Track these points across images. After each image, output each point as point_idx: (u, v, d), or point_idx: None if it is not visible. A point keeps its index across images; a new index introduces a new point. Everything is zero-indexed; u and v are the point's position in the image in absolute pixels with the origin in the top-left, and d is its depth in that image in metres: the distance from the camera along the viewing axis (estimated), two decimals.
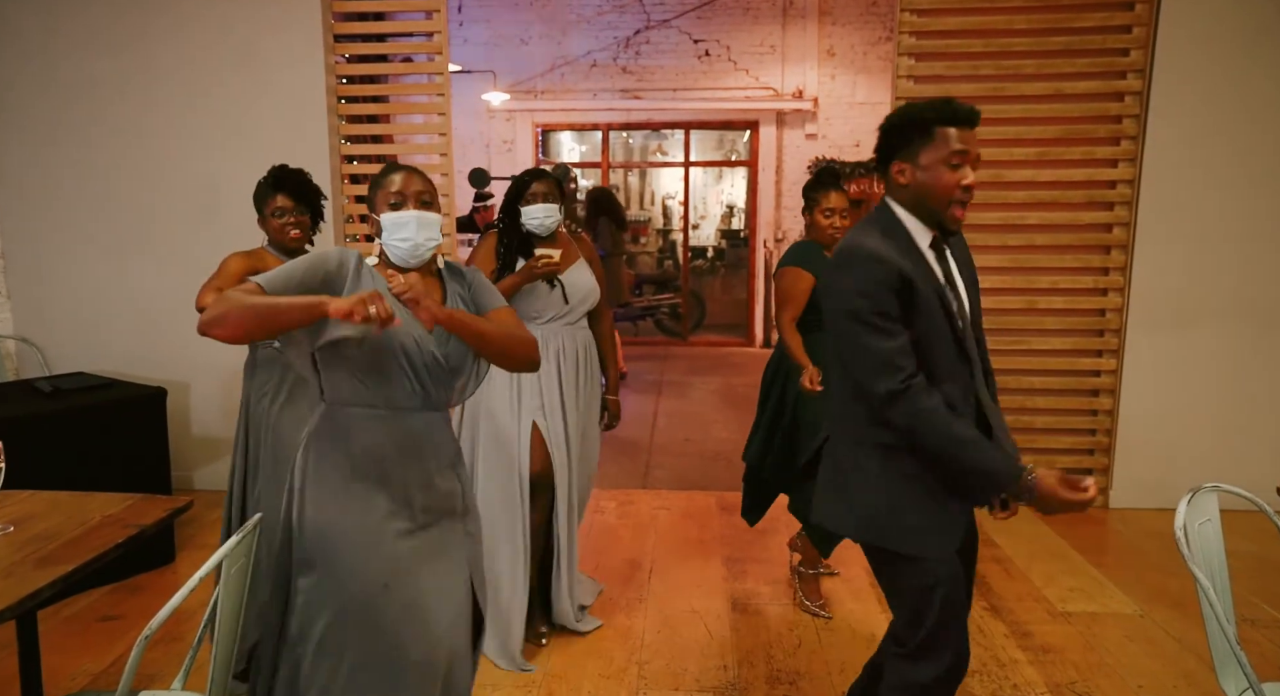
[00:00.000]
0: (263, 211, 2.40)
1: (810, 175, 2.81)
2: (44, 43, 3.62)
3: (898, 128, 1.57)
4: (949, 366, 1.55)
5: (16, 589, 1.42)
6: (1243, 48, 3.45)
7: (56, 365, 3.76)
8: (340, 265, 1.56)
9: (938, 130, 1.52)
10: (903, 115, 1.58)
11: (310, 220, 2.42)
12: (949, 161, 1.51)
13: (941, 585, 1.59)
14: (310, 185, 2.43)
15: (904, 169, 1.56)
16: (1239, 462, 3.62)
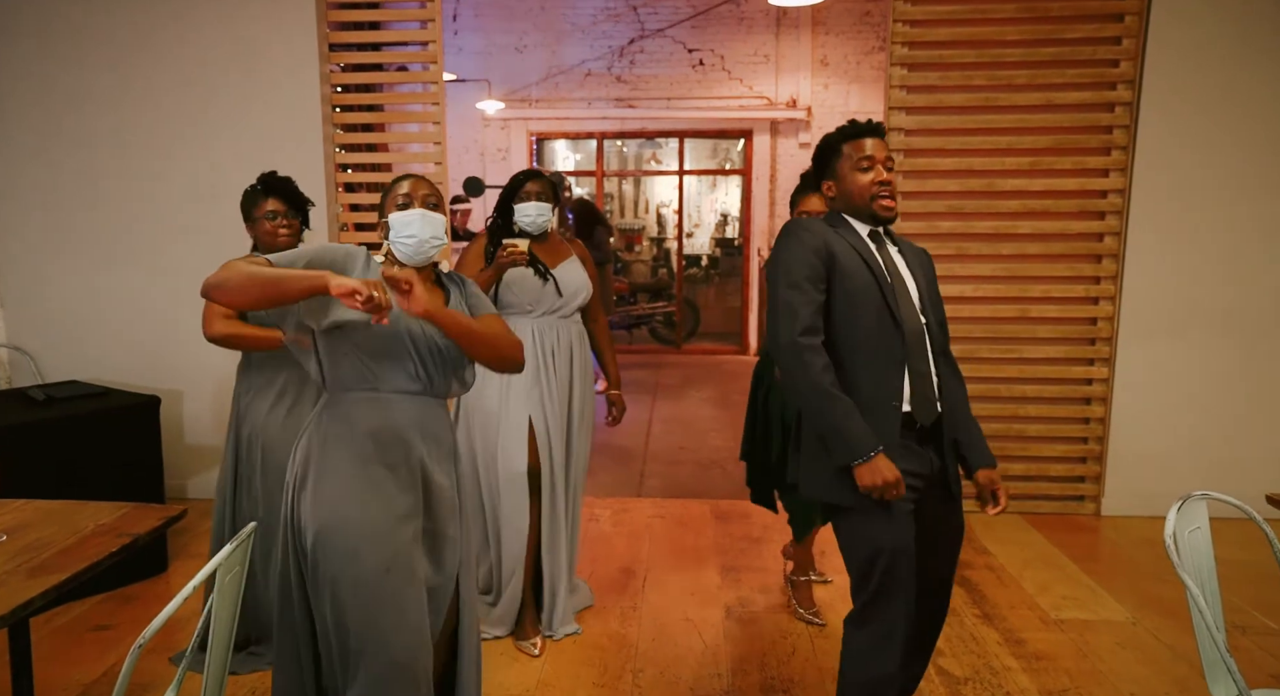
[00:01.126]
0: (252, 216, 2.40)
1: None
2: (38, 53, 3.62)
3: (817, 156, 1.93)
4: (876, 329, 1.74)
5: (9, 598, 1.41)
6: (1231, 58, 3.49)
7: (50, 373, 3.74)
8: (348, 256, 1.62)
9: (844, 146, 1.86)
10: (818, 146, 1.93)
11: (299, 225, 2.44)
12: (859, 166, 1.83)
13: (884, 554, 1.70)
14: (299, 191, 2.46)
15: (830, 185, 1.88)
16: (1229, 471, 3.65)
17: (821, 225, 1.83)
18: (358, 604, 1.55)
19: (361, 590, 1.55)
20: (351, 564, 1.54)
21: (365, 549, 1.55)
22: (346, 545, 1.55)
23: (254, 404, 2.39)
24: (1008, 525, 3.67)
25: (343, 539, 1.55)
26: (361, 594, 1.55)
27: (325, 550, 1.55)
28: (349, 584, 1.54)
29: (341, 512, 1.56)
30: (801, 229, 1.80)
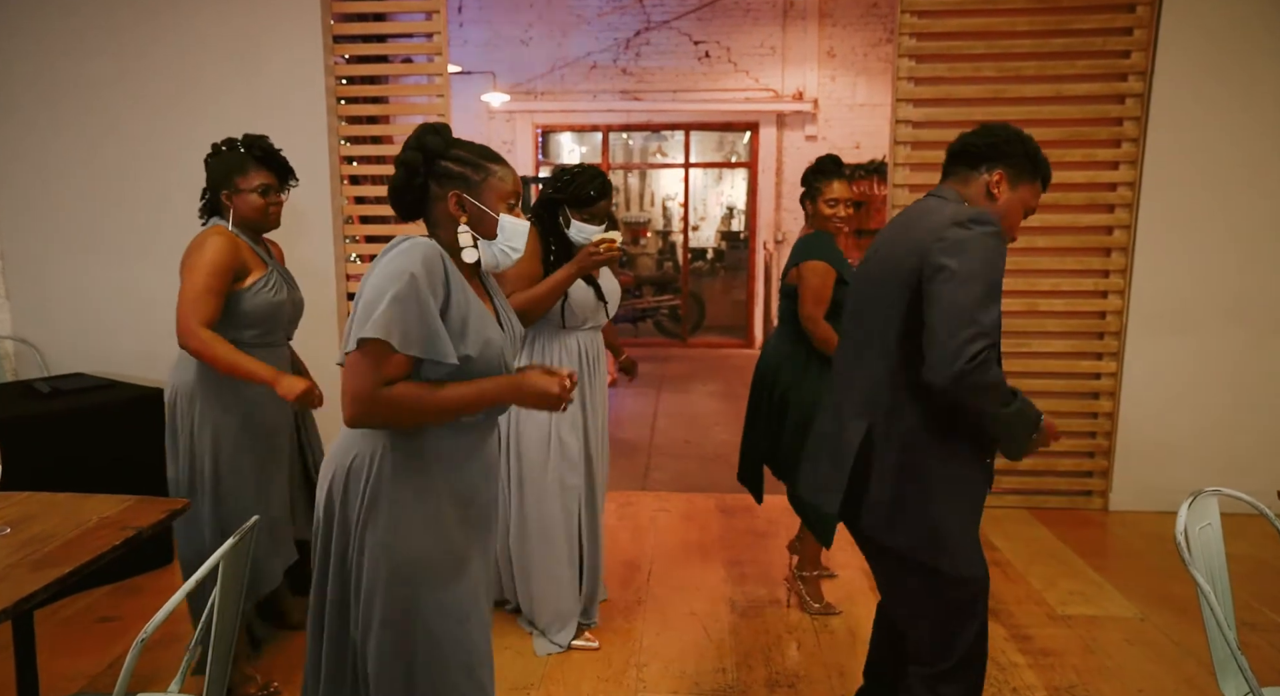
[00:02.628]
0: (235, 186, 2.15)
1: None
2: (43, 43, 3.61)
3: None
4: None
5: (13, 590, 1.41)
6: (1244, 50, 3.44)
7: (55, 366, 3.75)
8: (434, 274, 1.40)
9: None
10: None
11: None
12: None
13: (983, 602, 1.61)
14: (286, 160, 2.28)
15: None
16: (1239, 465, 3.62)
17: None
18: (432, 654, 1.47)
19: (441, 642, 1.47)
20: (433, 611, 1.46)
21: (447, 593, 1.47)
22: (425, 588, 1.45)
23: (220, 412, 2.19)
24: (1014, 520, 3.65)
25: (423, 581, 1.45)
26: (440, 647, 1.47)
27: (398, 591, 1.44)
28: (425, 631, 1.46)
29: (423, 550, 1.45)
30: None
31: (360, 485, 1.45)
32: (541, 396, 1.44)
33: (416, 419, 1.41)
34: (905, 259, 1.56)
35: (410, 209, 1.50)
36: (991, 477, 1.66)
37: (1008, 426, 1.51)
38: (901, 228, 1.66)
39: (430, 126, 1.50)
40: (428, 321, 1.36)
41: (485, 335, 1.44)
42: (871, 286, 1.66)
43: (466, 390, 1.41)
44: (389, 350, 1.34)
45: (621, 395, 6.17)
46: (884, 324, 1.60)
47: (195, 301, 2.06)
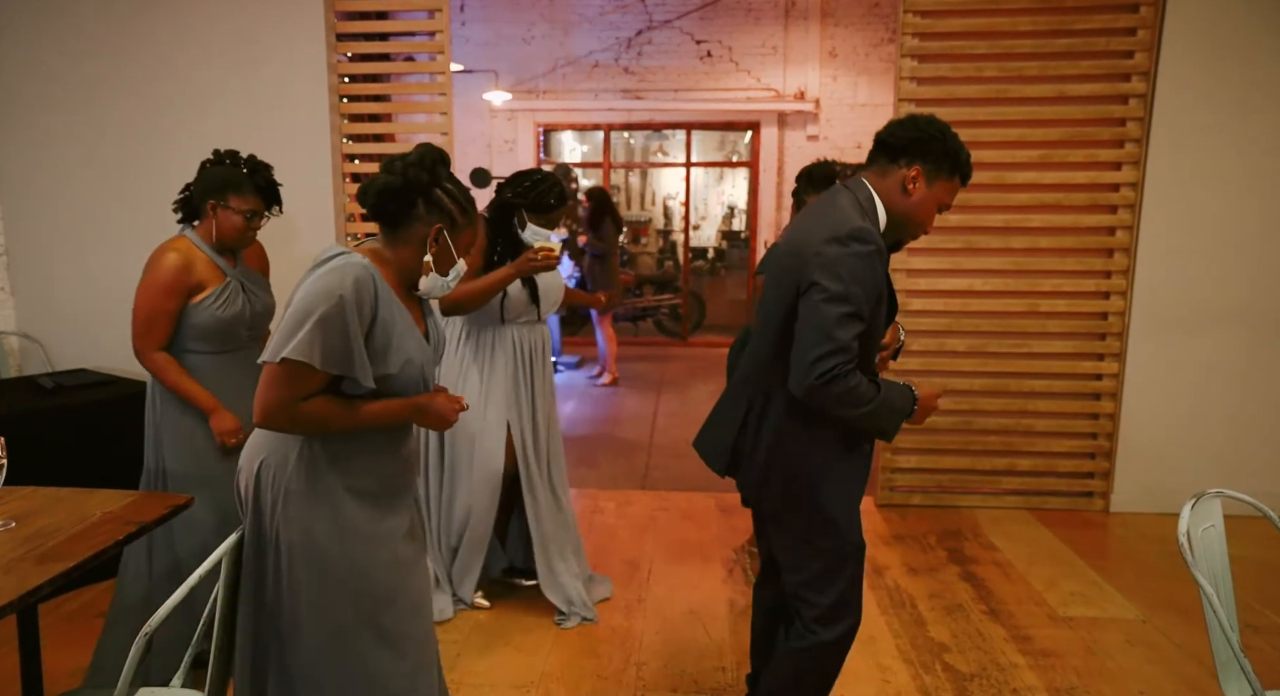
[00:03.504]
0: (226, 201, 2.22)
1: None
2: (47, 41, 3.61)
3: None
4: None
5: (17, 585, 1.42)
6: (1247, 50, 3.44)
7: (59, 361, 3.75)
8: (363, 297, 1.45)
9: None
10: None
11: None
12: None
13: (858, 548, 1.78)
14: (279, 192, 2.35)
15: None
16: (1241, 467, 3.62)
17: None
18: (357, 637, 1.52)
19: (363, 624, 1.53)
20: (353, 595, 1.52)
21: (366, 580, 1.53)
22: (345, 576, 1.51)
23: (179, 417, 2.24)
24: (1015, 521, 3.65)
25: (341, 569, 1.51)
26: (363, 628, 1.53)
27: (320, 581, 1.49)
28: (349, 616, 1.51)
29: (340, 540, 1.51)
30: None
31: (270, 482, 1.50)
32: (439, 420, 1.56)
33: (322, 431, 1.50)
34: (795, 261, 1.65)
35: (391, 217, 1.54)
36: (869, 455, 1.81)
37: (872, 421, 1.64)
38: (808, 221, 1.71)
39: (442, 154, 1.56)
40: (349, 343, 1.44)
41: (407, 354, 1.52)
42: (773, 276, 1.75)
43: (375, 410, 1.51)
44: (310, 370, 1.42)
45: (622, 395, 6.17)
46: (771, 315, 1.71)
47: (147, 323, 2.19)
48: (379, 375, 1.48)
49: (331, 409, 1.46)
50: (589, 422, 5.40)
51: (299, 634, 1.50)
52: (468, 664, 2.45)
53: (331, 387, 1.48)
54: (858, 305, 1.56)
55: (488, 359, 2.60)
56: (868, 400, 1.60)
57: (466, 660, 2.47)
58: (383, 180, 1.51)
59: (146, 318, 2.17)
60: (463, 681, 2.36)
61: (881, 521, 3.62)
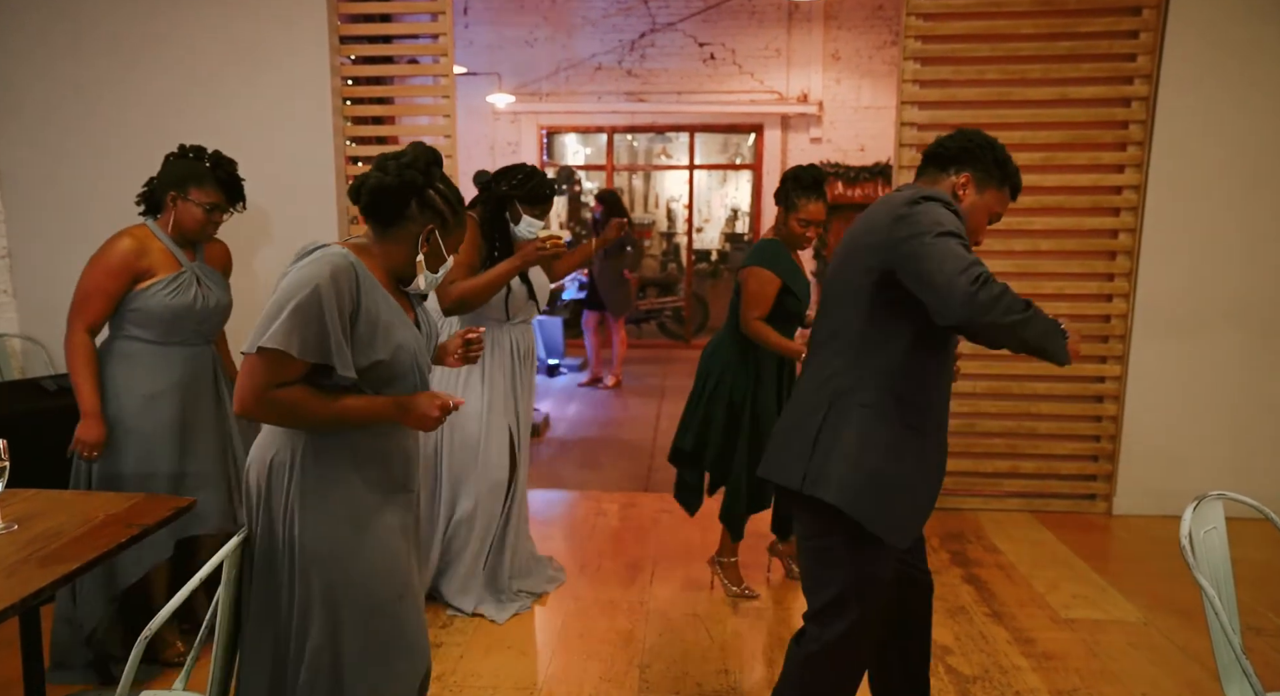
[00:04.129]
0: (186, 193, 2.24)
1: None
2: (48, 43, 3.63)
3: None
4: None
5: (20, 587, 1.42)
6: (1249, 53, 3.44)
7: (62, 363, 3.76)
8: (341, 285, 1.45)
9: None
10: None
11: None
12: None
13: (884, 583, 1.68)
14: (243, 187, 2.36)
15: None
16: (1244, 470, 3.61)
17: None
18: (369, 632, 1.54)
19: (376, 619, 1.54)
20: (364, 593, 1.53)
21: (378, 578, 1.55)
22: (357, 574, 1.53)
23: (134, 399, 2.24)
24: (1018, 523, 3.65)
25: (355, 566, 1.53)
26: (375, 623, 1.54)
27: (332, 578, 1.51)
28: (361, 612, 1.53)
29: (352, 538, 1.52)
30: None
31: (284, 481, 1.51)
32: (422, 420, 1.50)
33: (303, 423, 1.49)
34: (864, 241, 1.63)
35: (383, 216, 1.55)
36: (944, 463, 1.77)
37: (1038, 329, 1.53)
38: (861, 222, 1.72)
39: (435, 154, 1.57)
40: (326, 332, 1.43)
41: (396, 340, 1.51)
42: (833, 283, 1.73)
43: (355, 404, 1.49)
44: (287, 358, 1.41)
45: (625, 396, 6.17)
46: (849, 311, 1.66)
47: (83, 302, 2.19)
48: (369, 362, 1.48)
49: (308, 398, 1.45)
50: (592, 425, 5.40)
51: (314, 629, 1.51)
52: (470, 666, 2.45)
53: (313, 380, 1.48)
54: (963, 236, 1.52)
55: (487, 362, 2.59)
56: (1024, 304, 1.49)
57: (469, 662, 2.47)
58: (376, 179, 1.52)
59: (83, 294, 2.18)
60: (465, 683, 2.36)
61: None
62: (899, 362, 1.62)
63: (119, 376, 2.23)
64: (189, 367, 2.30)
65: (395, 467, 1.60)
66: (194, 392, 2.31)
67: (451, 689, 2.33)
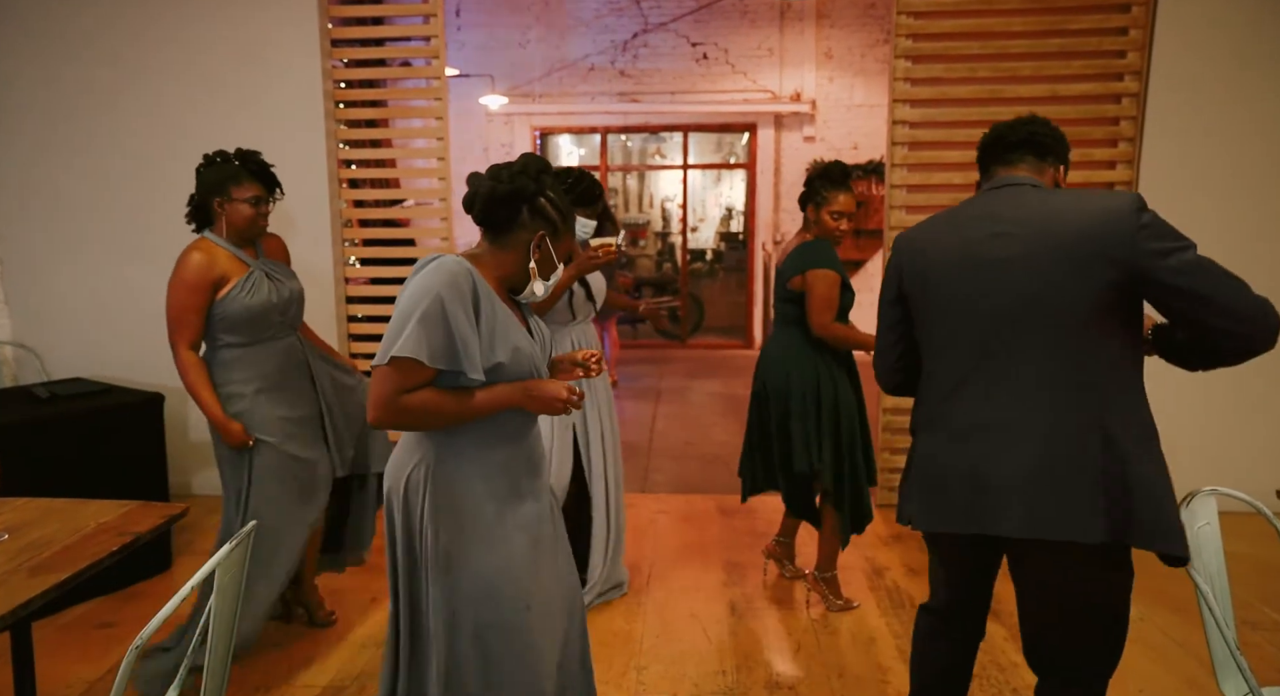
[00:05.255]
0: (229, 194, 2.29)
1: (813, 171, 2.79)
2: (42, 47, 3.62)
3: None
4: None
5: (10, 597, 1.41)
6: (1240, 49, 3.45)
7: (54, 370, 3.75)
8: (461, 291, 1.49)
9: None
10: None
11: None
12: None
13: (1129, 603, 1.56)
14: (275, 174, 2.40)
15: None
16: (1237, 465, 3.62)
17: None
18: (489, 643, 1.57)
19: (496, 630, 1.57)
20: (487, 605, 1.56)
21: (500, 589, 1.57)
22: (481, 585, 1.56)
23: (245, 398, 2.34)
24: None
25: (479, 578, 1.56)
26: (496, 633, 1.57)
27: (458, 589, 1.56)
28: (482, 624, 1.56)
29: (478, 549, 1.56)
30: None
31: (419, 497, 1.56)
32: (547, 402, 1.54)
33: (436, 423, 1.52)
34: (1082, 248, 1.41)
35: (496, 224, 1.59)
36: None
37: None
38: (1043, 219, 1.47)
39: (545, 163, 1.61)
40: (453, 337, 1.48)
41: (513, 343, 1.56)
42: (1027, 285, 1.46)
43: (485, 395, 1.53)
44: (418, 365, 1.46)
45: (621, 397, 6.17)
46: (1068, 319, 1.44)
47: (178, 322, 2.27)
48: (490, 364, 1.52)
49: (439, 399, 1.50)
50: None
51: (451, 630, 1.56)
52: None
53: (440, 383, 1.53)
54: None
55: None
56: None
57: None
58: (489, 187, 1.56)
59: (176, 314, 2.26)
60: None
61: (881, 521, 3.62)
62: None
63: (228, 384, 2.33)
64: (285, 358, 2.41)
65: (521, 477, 1.62)
66: (293, 379, 2.43)
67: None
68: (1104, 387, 1.45)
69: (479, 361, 1.50)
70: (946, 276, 1.55)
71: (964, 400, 1.53)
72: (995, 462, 1.48)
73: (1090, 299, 1.42)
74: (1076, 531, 1.43)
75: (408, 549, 1.59)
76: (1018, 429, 1.47)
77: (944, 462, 1.56)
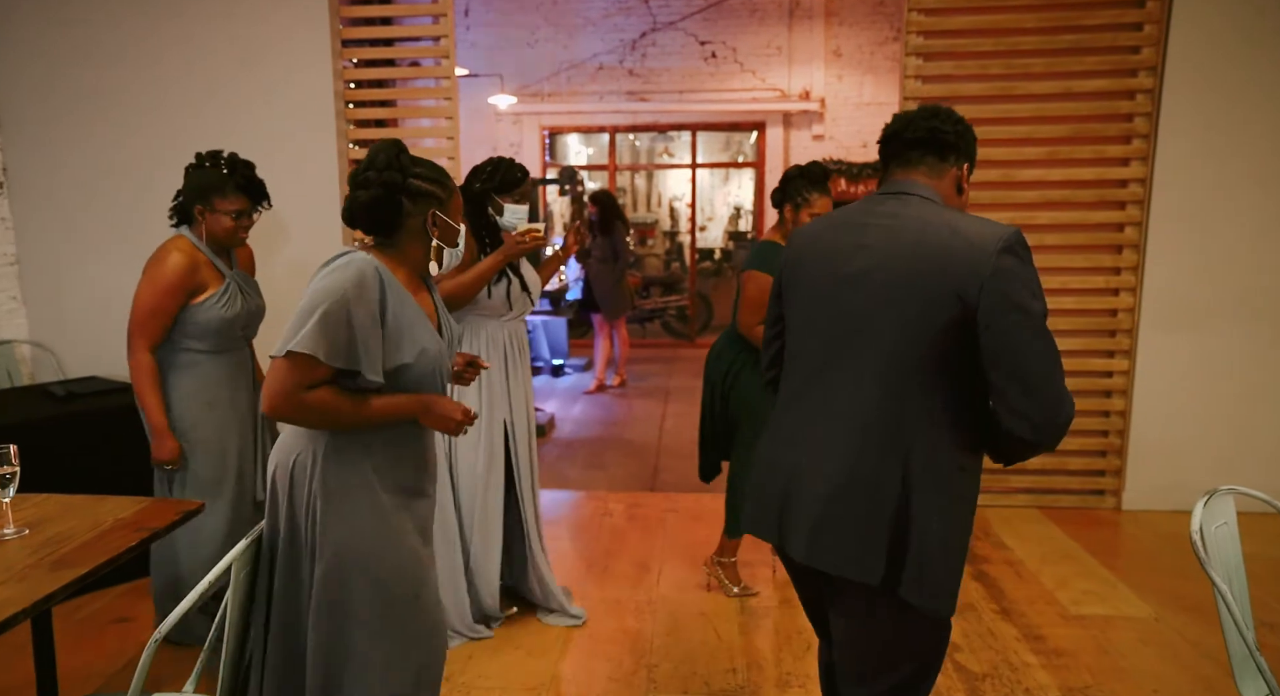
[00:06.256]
0: (211, 204, 2.28)
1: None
2: (58, 48, 3.65)
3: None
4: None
5: (31, 591, 1.43)
6: (1255, 44, 3.42)
7: (71, 369, 3.78)
8: (368, 292, 1.50)
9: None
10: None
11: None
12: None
13: (944, 651, 1.50)
14: (263, 183, 2.38)
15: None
16: (1253, 464, 3.59)
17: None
18: (384, 629, 1.57)
19: (390, 615, 1.57)
20: (381, 590, 1.56)
21: (394, 576, 1.57)
22: (375, 572, 1.56)
23: (190, 406, 2.31)
24: (1026, 519, 3.64)
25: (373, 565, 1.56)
26: (390, 619, 1.57)
27: (350, 576, 1.55)
28: (376, 609, 1.56)
29: (371, 538, 1.56)
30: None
31: (305, 482, 1.55)
32: (443, 421, 1.58)
33: (331, 424, 1.53)
34: (934, 279, 1.34)
35: (389, 225, 1.58)
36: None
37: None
38: (909, 239, 1.39)
39: (399, 144, 1.59)
40: (354, 338, 1.47)
41: (421, 344, 1.57)
42: (871, 304, 1.40)
43: (381, 404, 1.53)
44: (315, 362, 1.46)
45: (630, 396, 6.17)
46: (903, 347, 1.37)
47: (144, 323, 2.23)
48: (394, 366, 1.53)
49: (336, 400, 1.50)
50: (597, 425, 5.41)
51: (330, 625, 1.55)
52: (479, 667, 2.46)
53: (339, 383, 1.52)
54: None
55: (485, 358, 2.59)
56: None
57: (477, 663, 2.48)
58: (365, 196, 1.56)
59: (145, 314, 2.22)
60: (474, 684, 2.37)
61: None
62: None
63: (180, 387, 2.30)
64: (238, 371, 2.40)
65: (412, 472, 1.63)
66: (242, 393, 2.42)
67: (460, 689, 2.34)
68: (920, 429, 1.36)
69: (379, 364, 1.50)
70: (808, 282, 1.50)
71: (796, 410, 1.49)
72: (800, 482, 1.43)
73: (931, 333, 1.34)
74: (853, 569, 1.37)
75: (290, 532, 1.56)
76: (828, 452, 1.41)
77: (767, 470, 1.51)
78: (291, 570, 1.57)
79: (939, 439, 1.37)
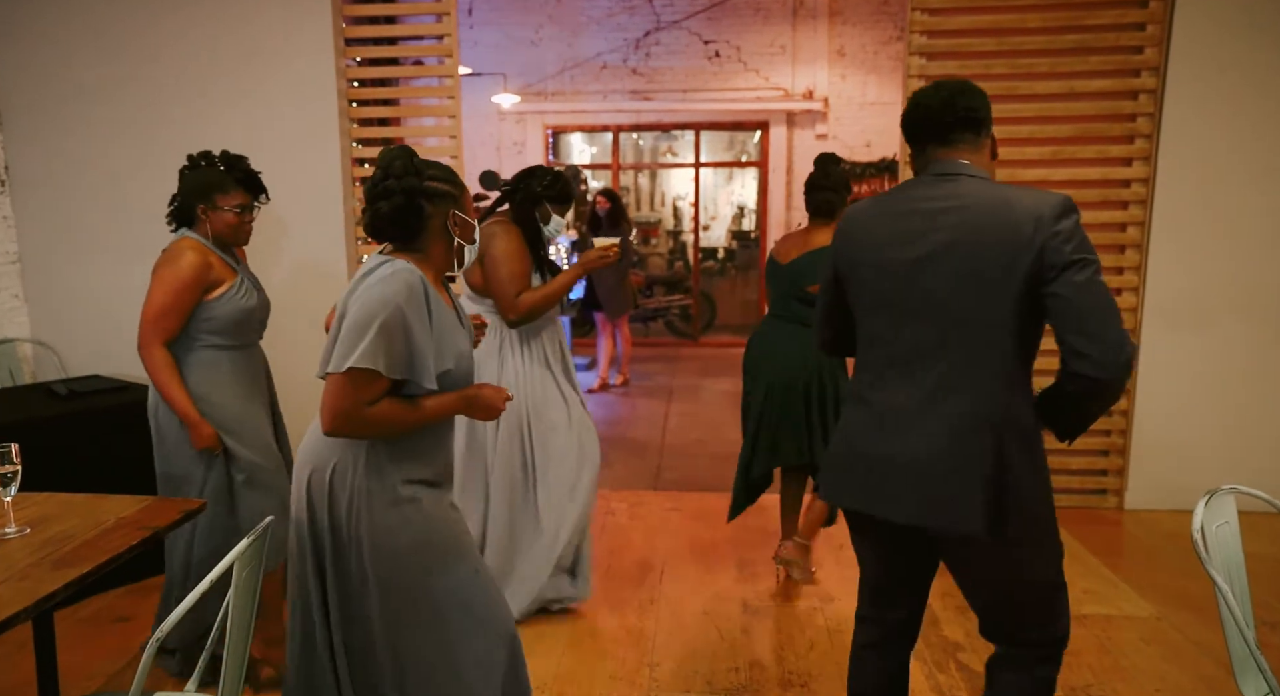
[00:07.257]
0: (213, 202, 2.26)
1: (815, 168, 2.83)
2: (60, 46, 3.65)
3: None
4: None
5: (33, 590, 1.43)
6: (1258, 44, 3.41)
7: (73, 368, 3.79)
8: (417, 301, 1.54)
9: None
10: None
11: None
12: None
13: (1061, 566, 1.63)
14: (259, 177, 2.38)
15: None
16: (1256, 463, 3.58)
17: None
18: (449, 615, 1.63)
19: (453, 599, 1.63)
20: (441, 577, 1.61)
21: (451, 560, 1.63)
22: (433, 562, 1.61)
23: (215, 400, 2.28)
24: None
25: (428, 554, 1.61)
26: (453, 603, 1.63)
27: (409, 570, 1.60)
28: (439, 596, 1.61)
29: (423, 530, 1.61)
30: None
31: (345, 486, 1.58)
32: (489, 410, 1.67)
33: (391, 432, 1.57)
34: (1004, 249, 1.46)
35: (414, 230, 1.61)
36: None
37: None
38: (972, 218, 1.50)
39: (409, 150, 1.62)
40: (412, 348, 1.52)
41: (458, 349, 1.62)
42: (949, 281, 1.50)
43: (433, 405, 1.58)
44: (376, 377, 1.48)
45: (633, 395, 6.17)
46: (983, 317, 1.49)
47: (157, 320, 2.19)
48: (440, 372, 1.57)
49: (397, 411, 1.53)
50: (600, 423, 5.40)
51: (393, 625, 1.60)
52: None
53: (393, 391, 1.55)
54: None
55: (546, 357, 2.64)
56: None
57: None
58: (388, 206, 1.58)
59: (160, 310, 2.19)
60: None
61: None
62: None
63: (204, 384, 2.26)
64: (257, 365, 2.41)
65: (442, 465, 1.69)
66: (262, 386, 2.42)
67: None
68: (1005, 393, 1.51)
69: (433, 371, 1.54)
70: (875, 267, 1.60)
71: (883, 386, 1.60)
72: (896, 450, 1.55)
73: (1007, 302, 1.47)
74: (961, 522, 1.50)
75: (334, 535, 1.59)
76: (921, 420, 1.53)
77: (856, 441, 1.62)
78: (341, 573, 1.62)
79: (1021, 402, 1.52)
